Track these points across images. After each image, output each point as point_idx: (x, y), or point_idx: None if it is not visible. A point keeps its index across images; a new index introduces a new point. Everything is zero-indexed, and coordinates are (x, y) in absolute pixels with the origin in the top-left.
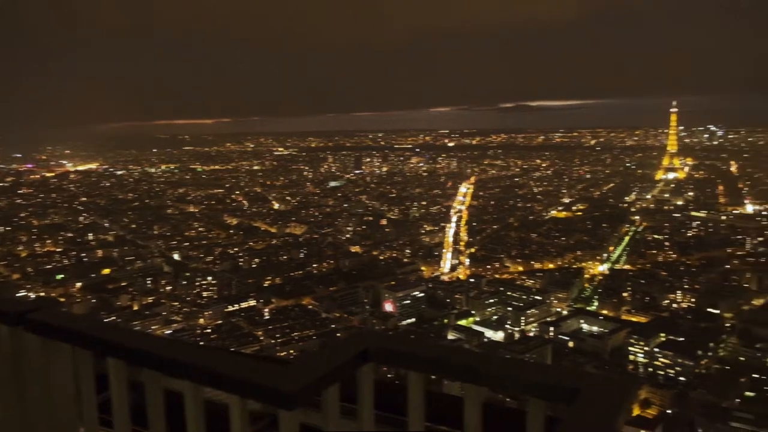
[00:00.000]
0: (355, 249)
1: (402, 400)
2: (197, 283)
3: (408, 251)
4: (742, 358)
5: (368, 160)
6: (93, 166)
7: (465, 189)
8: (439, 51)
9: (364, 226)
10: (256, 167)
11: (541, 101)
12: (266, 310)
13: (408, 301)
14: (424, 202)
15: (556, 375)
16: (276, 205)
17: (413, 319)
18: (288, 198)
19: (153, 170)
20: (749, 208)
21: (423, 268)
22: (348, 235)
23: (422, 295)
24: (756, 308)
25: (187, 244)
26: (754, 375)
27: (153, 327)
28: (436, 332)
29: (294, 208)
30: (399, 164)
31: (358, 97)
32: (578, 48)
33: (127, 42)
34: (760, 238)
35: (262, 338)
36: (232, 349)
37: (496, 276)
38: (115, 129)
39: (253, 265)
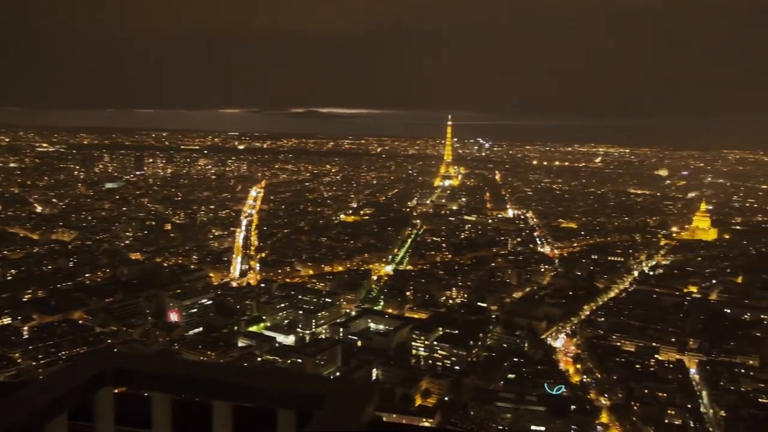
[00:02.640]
0: (135, 256)
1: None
2: None
3: (195, 257)
4: (505, 345)
5: (151, 160)
6: None
7: (255, 193)
8: (230, 52)
9: (145, 231)
10: (12, 165)
11: (330, 108)
12: (25, 327)
13: (195, 310)
14: (212, 206)
15: (302, 383)
16: (39, 208)
17: (201, 328)
18: (54, 200)
19: None
20: (510, 212)
21: (211, 274)
22: (127, 241)
23: (210, 302)
24: (516, 300)
25: None
26: (515, 359)
27: None
28: (225, 340)
29: (62, 212)
30: (185, 166)
31: (140, 92)
32: (365, 60)
33: None
34: (519, 239)
35: (19, 360)
36: None
37: (288, 280)
38: None
39: (9, 277)
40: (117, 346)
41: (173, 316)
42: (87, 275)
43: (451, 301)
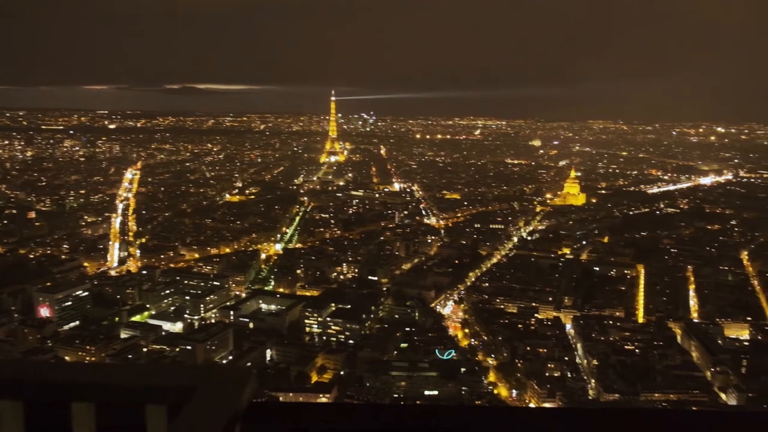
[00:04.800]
0: None
1: None
2: None
3: (66, 246)
4: (397, 316)
5: (6, 142)
6: None
7: (131, 175)
8: (93, 23)
9: (5, 221)
10: None
11: (208, 84)
12: None
13: (69, 303)
14: (83, 191)
15: (169, 375)
16: None
17: (77, 322)
18: None
19: None
20: (396, 186)
21: (86, 263)
22: None
23: (87, 294)
24: (405, 272)
25: None
26: (406, 329)
27: None
28: (106, 333)
29: None
30: (49, 148)
31: None
32: (243, 34)
33: None
34: (405, 212)
35: None
36: None
37: (172, 265)
38: None
39: None
40: None
41: (44, 312)
42: None
43: (342, 277)
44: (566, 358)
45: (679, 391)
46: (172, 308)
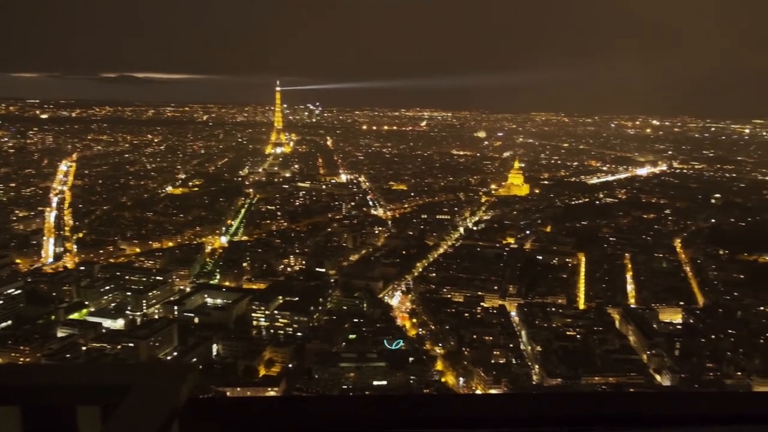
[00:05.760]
0: None
1: None
2: None
3: None
4: (345, 307)
5: None
6: None
7: (66, 167)
8: (19, 6)
9: None
10: None
11: (147, 73)
12: None
13: (0, 302)
14: (12, 184)
15: (104, 375)
16: None
17: (9, 322)
18: None
19: None
20: (343, 177)
21: (18, 260)
22: None
23: (19, 291)
24: (353, 263)
25: None
26: (354, 320)
27: None
28: (42, 332)
29: None
30: None
31: None
32: (182, 20)
33: None
34: (353, 203)
35: None
36: None
37: (111, 260)
38: None
39: None
40: None
41: None
42: None
43: (289, 269)
44: (511, 345)
45: (618, 374)
46: (113, 305)
